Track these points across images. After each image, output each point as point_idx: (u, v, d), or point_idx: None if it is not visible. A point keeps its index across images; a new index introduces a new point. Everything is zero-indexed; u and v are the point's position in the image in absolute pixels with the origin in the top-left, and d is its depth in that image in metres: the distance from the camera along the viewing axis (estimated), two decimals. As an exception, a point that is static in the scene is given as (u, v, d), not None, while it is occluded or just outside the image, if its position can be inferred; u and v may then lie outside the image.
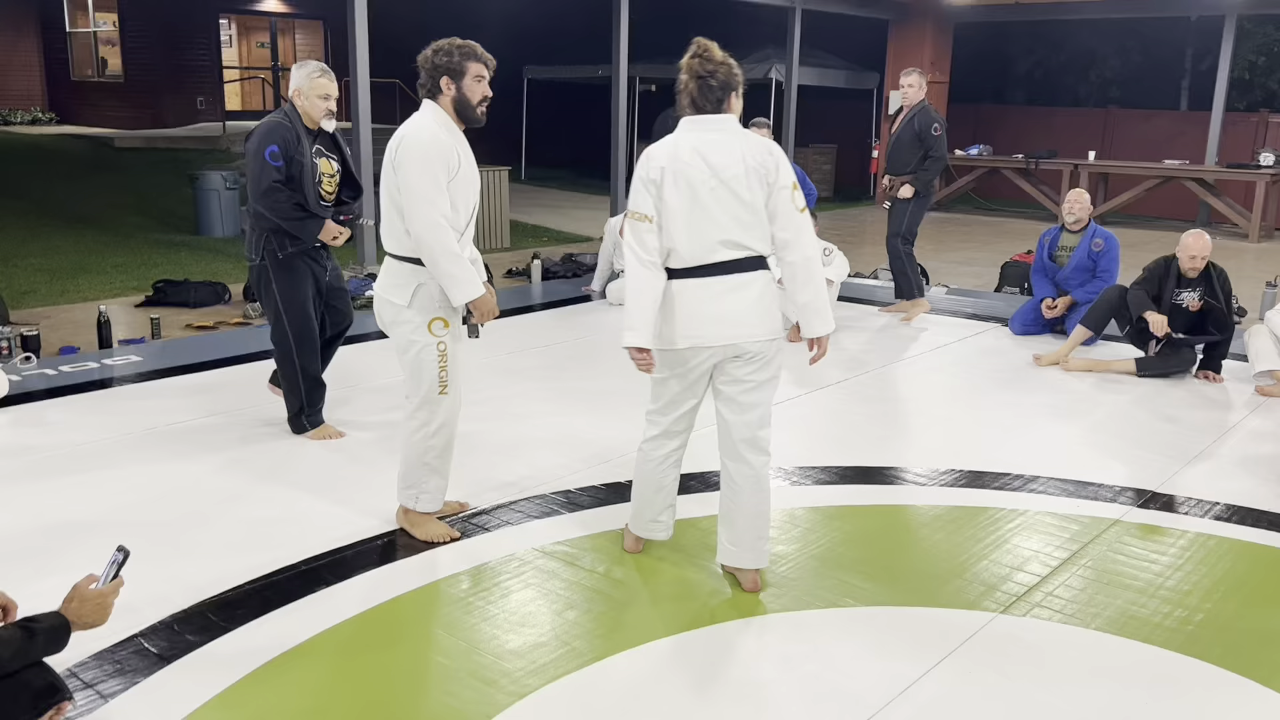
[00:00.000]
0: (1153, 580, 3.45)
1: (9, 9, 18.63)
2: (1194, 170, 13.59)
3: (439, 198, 3.30)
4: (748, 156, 3.09)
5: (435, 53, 3.38)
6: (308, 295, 4.50)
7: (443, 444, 3.57)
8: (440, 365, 3.45)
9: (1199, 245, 5.92)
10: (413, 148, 3.31)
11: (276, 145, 4.25)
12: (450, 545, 3.60)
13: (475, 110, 3.42)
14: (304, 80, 4.32)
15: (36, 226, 10.53)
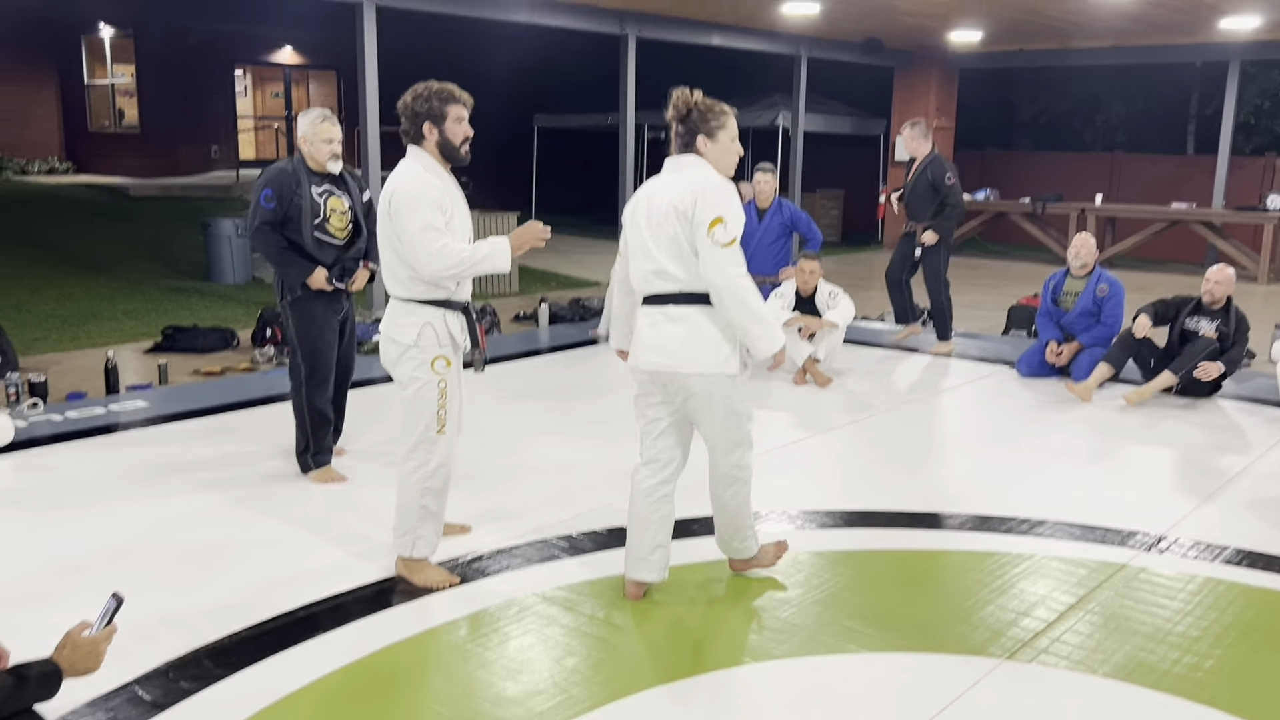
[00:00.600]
0: (1161, 626, 3.40)
1: (30, 63, 18.98)
2: (1201, 214, 13.61)
3: (439, 232, 3.35)
4: (675, 195, 3.23)
5: (415, 99, 3.43)
6: (323, 333, 4.59)
7: (440, 485, 3.57)
8: (440, 402, 3.48)
9: (1219, 273, 6.24)
10: (405, 195, 3.37)
11: (271, 188, 4.44)
12: (449, 591, 3.57)
13: (459, 151, 3.48)
14: (308, 127, 4.49)
15: (50, 274, 10.63)
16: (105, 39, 18.85)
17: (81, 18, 18.49)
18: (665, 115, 3.33)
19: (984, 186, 16.01)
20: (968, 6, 10.75)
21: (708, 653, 3.20)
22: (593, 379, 6.93)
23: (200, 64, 17.77)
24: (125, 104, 19.00)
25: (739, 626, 3.38)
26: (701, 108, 3.30)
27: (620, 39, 11.20)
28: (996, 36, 13.33)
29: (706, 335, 3.27)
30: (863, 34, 13.31)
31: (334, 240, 4.56)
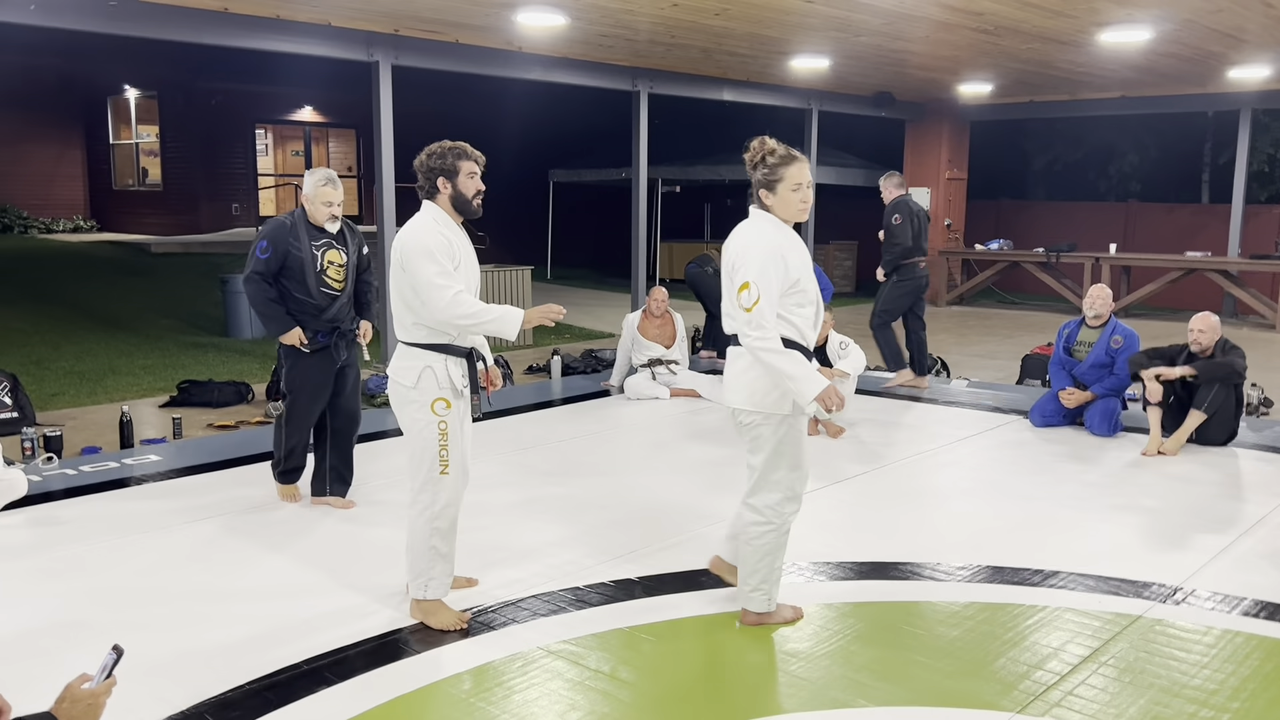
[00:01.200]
0: (1178, 679, 3.33)
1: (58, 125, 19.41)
2: (1217, 262, 13.58)
3: (449, 280, 3.48)
4: (729, 251, 3.51)
5: (429, 156, 3.59)
6: (310, 377, 4.91)
7: (447, 525, 3.63)
8: (441, 443, 3.56)
9: (1203, 321, 6.27)
10: (415, 247, 3.50)
11: (267, 240, 4.77)
12: (455, 644, 3.55)
13: (472, 204, 3.62)
14: (311, 188, 4.83)
15: (71, 330, 10.77)
16: (130, 100, 19.28)
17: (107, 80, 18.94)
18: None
19: (998, 237, 16.04)
20: (977, 60, 10.87)
21: (714, 707, 3.16)
22: (604, 431, 6.92)
23: (222, 123, 18.13)
24: (149, 163, 19.38)
25: (746, 680, 3.34)
26: (765, 157, 3.45)
27: (632, 95, 11.36)
28: (1006, 88, 13.45)
29: (756, 373, 3.46)
30: (873, 87, 13.45)
31: (333, 290, 4.87)
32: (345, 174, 20.54)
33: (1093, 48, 9.74)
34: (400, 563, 4.15)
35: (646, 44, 9.73)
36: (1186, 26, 8.68)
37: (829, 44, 9.82)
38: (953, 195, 15.85)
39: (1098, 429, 6.61)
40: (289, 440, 5.03)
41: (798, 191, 3.45)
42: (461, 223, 3.65)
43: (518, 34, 9.09)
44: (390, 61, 9.03)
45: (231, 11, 7.89)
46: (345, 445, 5.10)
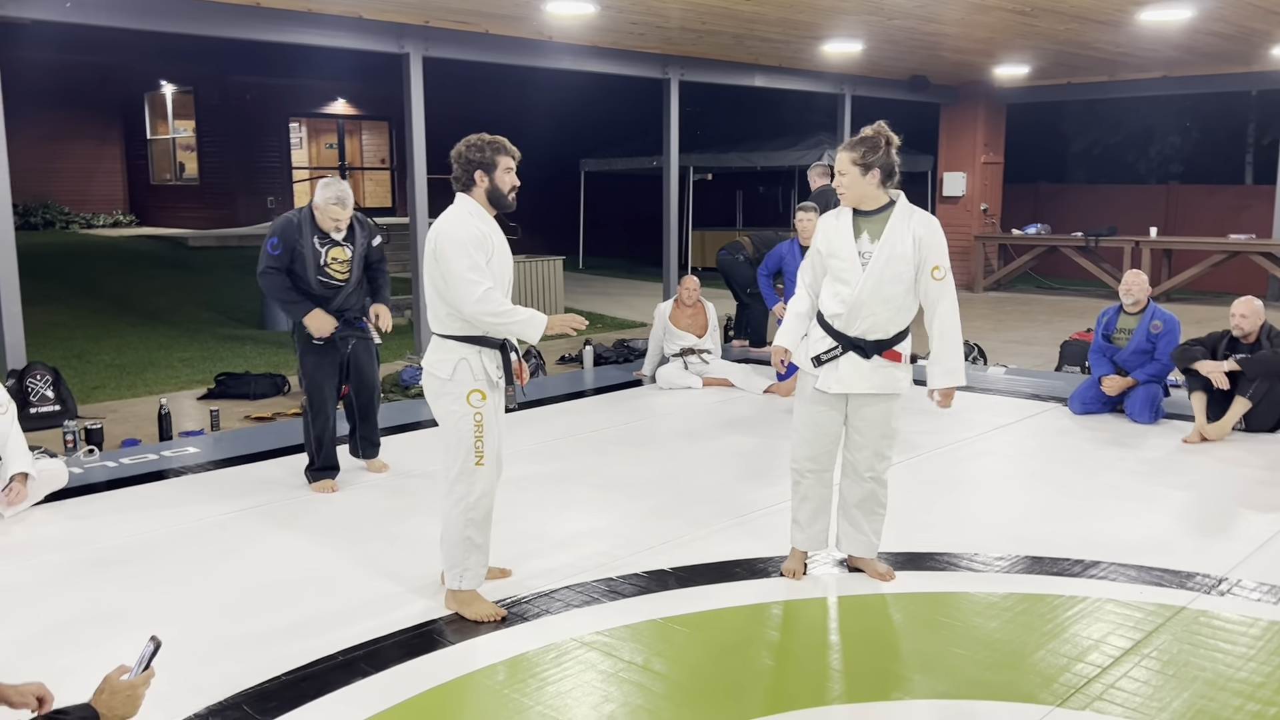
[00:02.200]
0: (1222, 672, 3.26)
1: (96, 121, 19.67)
2: (1261, 244, 13.30)
3: (481, 275, 3.49)
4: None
5: (468, 148, 3.60)
6: (320, 366, 5.15)
7: (482, 515, 3.64)
8: (476, 435, 3.57)
9: (1246, 305, 6.13)
10: (450, 238, 3.51)
11: (277, 237, 5.01)
12: (489, 635, 3.55)
13: (507, 198, 3.63)
14: (322, 200, 5.02)
15: (111, 324, 10.92)
16: (167, 95, 19.49)
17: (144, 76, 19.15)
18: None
19: (1035, 221, 15.82)
20: (1013, 42, 10.70)
21: (748, 699, 3.13)
22: (636, 421, 6.91)
23: (257, 117, 18.29)
24: (185, 158, 19.59)
25: (781, 672, 3.32)
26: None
27: (663, 83, 11.30)
28: (1044, 70, 13.24)
29: None
30: (907, 71, 13.29)
31: (335, 282, 5.10)
32: (378, 166, 20.65)
33: (1133, 27, 9.55)
34: (434, 554, 4.17)
35: (677, 31, 9.66)
36: (1229, 4, 8.49)
37: (862, 28, 9.70)
38: (989, 179, 15.64)
39: (1139, 416, 6.50)
40: (315, 428, 5.19)
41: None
42: (495, 216, 3.65)
43: (548, 23, 9.06)
44: (421, 53, 9.05)
45: (264, 6, 7.93)
46: (368, 413, 5.46)
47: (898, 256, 3.66)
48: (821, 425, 3.89)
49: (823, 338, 3.80)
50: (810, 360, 3.82)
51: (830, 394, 3.82)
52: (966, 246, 15.52)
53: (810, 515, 4.02)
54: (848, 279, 3.70)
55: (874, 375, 3.77)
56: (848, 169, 3.69)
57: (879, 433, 3.87)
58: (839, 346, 3.76)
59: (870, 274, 3.67)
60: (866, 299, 3.68)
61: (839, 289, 3.74)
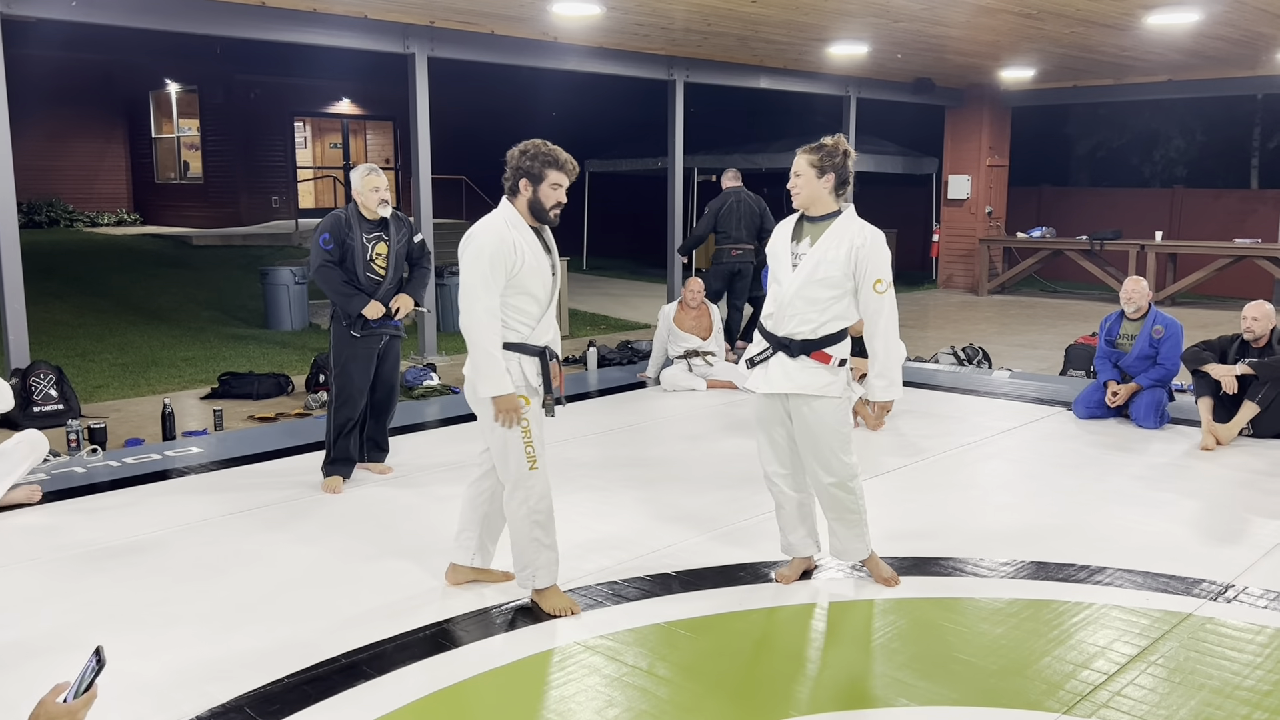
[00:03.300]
0: (1229, 679, 3.25)
1: (100, 119, 19.71)
2: (1267, 249, 13.27)
3: (487, 296, 3.48)
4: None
5: (521, 154, 3.58)
6: (355, 358, 5.20)
7: (545, 516, 3.68)
8: (525, 440, 3.59)
9: (1258, 309, 6.16)
10: (473, 248, 3.52)
11: (328, 233, 5.13)
12: (493, 639, 3.54)
13: (548, 214, 3.60)
14: (358, 180, 5.15)
15: (114, 323, 10.92)
16: (171, 94, 19.51)
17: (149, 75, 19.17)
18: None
19: (1040, 224, 15.80)
20: (1019, 45, 10.68)
21: (753, 705, 3.12)
22: (640, 423, 6.90)
23: (261, 116, 18.31)
24: (190, 156, 19.61)
25: (785, 678, 3.30)
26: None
27: (668, 84, 11.29)
28: (1049, 73, 13.22)
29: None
30: (912, 74, 13.28)
31: (377, 277, 5.21)
32: (383, 166, 20.65)
33: (1139, 31, 9.54)
34: (438, 556, 4.17)
35: (682, 32, 9.66)
36: (1235, 7, 8.47)
37: (867, 30, 9.69)
38: (994, 182, 15.62)
39: (1144, 421, 6.48)
40: (339, 417, 5.25)
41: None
42: (536, 226, 3.61)
43: (553, 24, 9.06)
44: (426, 53, 9.05)
45: (270, 5, 7.94)
46: (383, 416, 5.47)
47: (828, 261, 3.68)
48: (770, 432, 3.91)
49: (758, 341, 3.89)
50: (745, 363, 3.90)
51: (766, 397, 3.86)
52: (971, 249, 15.50)
53: (789, 522, 4.00)
54: (780, 279, 3.81)
55: (799, 375, 3.76)
56: (804, 170, 3.74)
57: (817, 437, 3.79)
58: (770, 348, 3.82)
59: (798, 275, 3.72)
60: (792, 298, 3.74)
61: (774, 289, 3.86)
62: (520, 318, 3.58)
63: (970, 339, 10.40)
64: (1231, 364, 6.19)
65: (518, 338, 3.58)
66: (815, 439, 3.80)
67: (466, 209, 18.65)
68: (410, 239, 5.34)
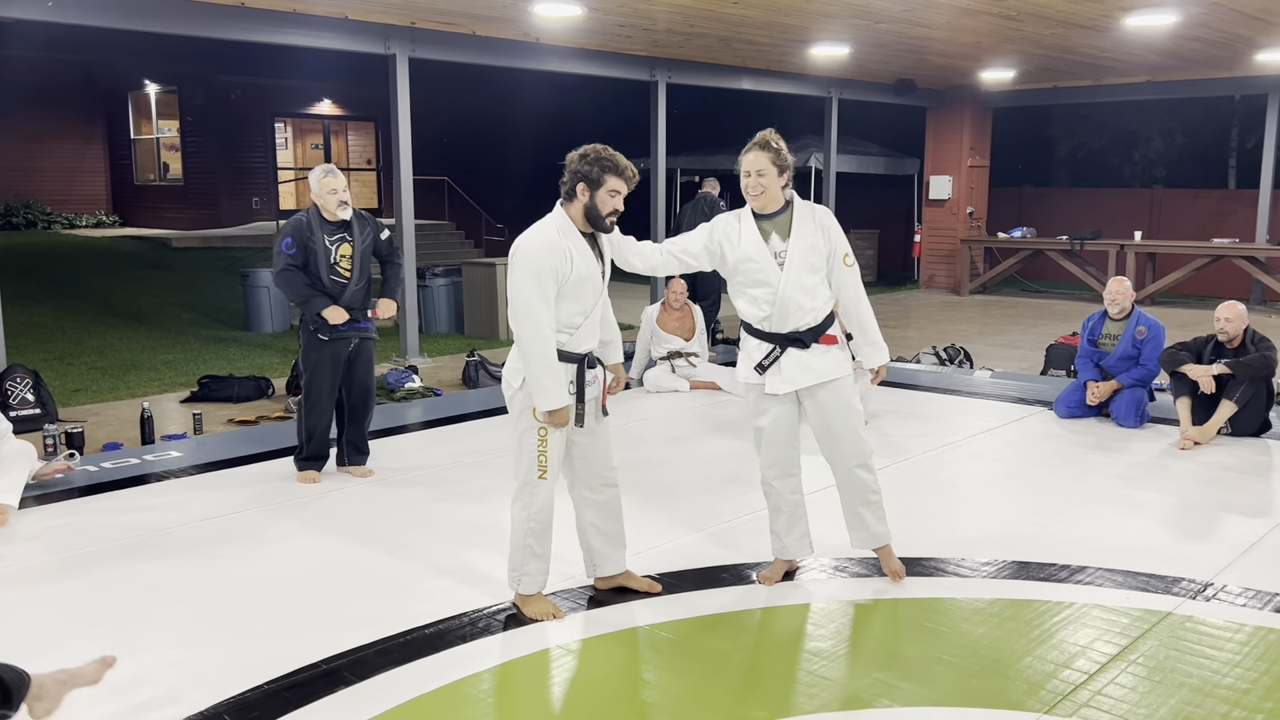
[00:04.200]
0: (1209, 678, 3.27)
1: (79, 120, 19.53)
2: (1244, 249, 13.39)
3: (542, 308, 3.44)
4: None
5: (581, 158, 3.55)
6: (323, 361, 5.24)
7: (541, 527, 3.65)
8: (539, 449, 3.57)
9: (1229, 309, 6.22)
10: (526, 262, 3.47)
11: (290, 237, 5.15)
12: (475, 643, 3.53)
13: (604, 221, 3.58)
14: (315, 183, 5.17)
15: (92, 326, 10.83)
16: (151, 95, 19.37)
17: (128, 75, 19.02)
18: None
19: (1021, 225, 15.88)
20: (999, 46, 10.74)
21: (735, 707, 3.12)
22: (623, 424, 6.88)
23: (241, 117, 18.19)
24: (170, 158, 19.47)
25: (767, 680, 3.30)
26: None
27: (651, 85, 11.29)
28: (1029, 74, 13.29)
29: None
30: (894, 75, 13.33)
31: (342, 279, 5.23)
32: (364, 167, 20.57)
33: (1118, 32, 9.60)
34: (417, 560, 4.16)
35: (664, 33, 9.66)
36: (1213, 10, 8.53)
37: (849, 31, 9.72)
38: (975, 183, 15.69)
39: (1124, 420, 6.52)
40: (309, 421, 5.32)
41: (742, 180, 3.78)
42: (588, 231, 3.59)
43: (534, 25, 9.04)
44: (407, 54, 9.02)
45: (249, 6, 7.89)
46: (360, 419, 5.47)
47: (810, 249, 3.76)
48: (777, 430, 3.91)
49: (758, 345, 3.86)
50: (754, 369, 3.86)
51: (776, 398, 3.86)
52: (952, 250, 15.57)
53: (786, 524, 4.01)
54: (767, 279, 3.77)
55: (816, 364, 3.82)
56: (767, 169, 3.73)
57: (841, 418, 3.88)
58: (776, 348, 3.82)
59: (789, 270, 3.75)
60: (791, 293, 3.76)
61: (757, 293, 3.80)
62: (563, 326, 3.54)
63: (952, 339, 10.44)
64: (1207, 365, 6.23)
65: (558, 345, 3.54)
66: (840, 420, 3.87)
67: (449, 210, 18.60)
68: (376, 237, 5.35)
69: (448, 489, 5.29)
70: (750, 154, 3.74)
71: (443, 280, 11.40)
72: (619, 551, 3.90)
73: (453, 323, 11.43)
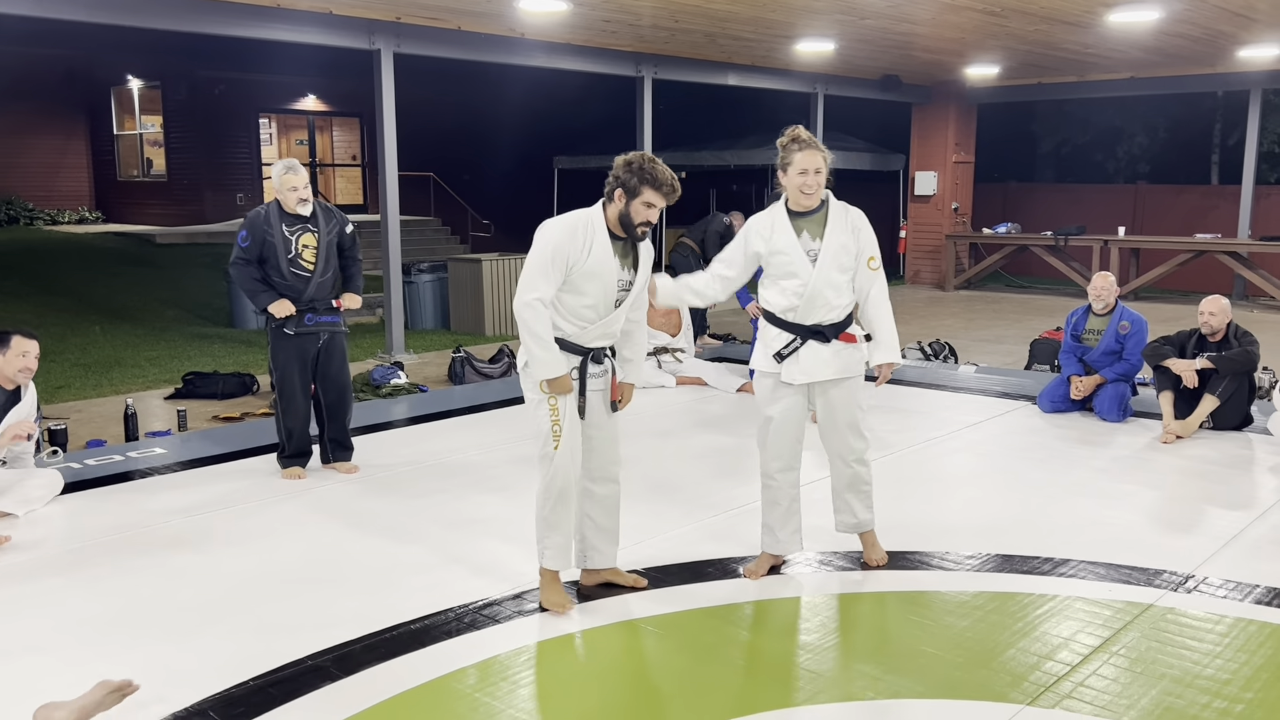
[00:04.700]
0: (1190, 669, 3.30)
1: (61, 115, 19.38)
2: (1227, 244, 13.47)
3: (544, 284, 3.51)
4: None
5: (624, 165, 3.60)
6: (291, 360, 5.24)
7: (556, 498, 3.67)
8: (553, 421, 3.62)
9: (1213, 304, 6.26)
10: (544, 236, 3.56)
11: (246, 230, 5.18)
12: (460, 638, 3.53)
13: (635, 229, 3.61)
14: (276, 179, 5.22)
15: (75, 322, 10.77)
16: (133, 90, 19.24)
17: (110, 70, 18.89)
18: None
19: (1006, 220, 15.94)
20: (984, 42, 10.77)
21: (720, 700, 3.13)
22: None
23: (225, 113, 18.08)
24: (153, 153, 19.34)
25: (752, 673, 3.31)
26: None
27: (636, 80, 11.28)
28: (1014, 70, 13.34)
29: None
30: (879, 71, 13.35)
31: (305, 272, 5.20)
32: (349, 163, 20.49)
33: (1101, 29, 9.64)
34: (403, 556, 4.16)
35: (649, 29, 9.65)
36: (1196, 6, 8.58)
37: (834, 27, 9.73)
38: (960, 179, 15.74)
39: (1107, 414, 6.56)
40: (287, 421, 5.33)
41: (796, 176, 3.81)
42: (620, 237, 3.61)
43: (520, 20, 9.02)
44: (392, 49, 8.98)
45: (233, 0, 7.84)
46: (340, 416, 5.45)
47: (841, 248, 3.86)
48: (786, 423, 3.96)
49: (779, 335, 3.92)
50: (772, 357, 3.92)
51: (791, 391, 3.92)
52: (938, 245, 15.62)
53: (782, 518, 4.04)
54: (797, 272, 3.85)
55: (835, 360, 3.91)
56: (823, 168, 3.86)
57: (848, 415, 4.00)
58: (797, 339, 3.88)
59: (821, 266, 3.83)
60: (820, 288, 3.84)
61: (786, 284, 3.88)
62: (571, 316, 3.60)
63: (937, 334, 10.47)
64: (1190, 359, 6.28)
65: (562, 335, 3.59)
66: (849, 416, 3.99)
67: (435, 206, 18.54)
68: (342, 230, 5.37)
69: (433, 485, 5.28)
70: (807, 152, 3.80)
71: (428, 276, 11.38)
72: (611, 547, 3.91)
73: (438, 319, 11.41)
